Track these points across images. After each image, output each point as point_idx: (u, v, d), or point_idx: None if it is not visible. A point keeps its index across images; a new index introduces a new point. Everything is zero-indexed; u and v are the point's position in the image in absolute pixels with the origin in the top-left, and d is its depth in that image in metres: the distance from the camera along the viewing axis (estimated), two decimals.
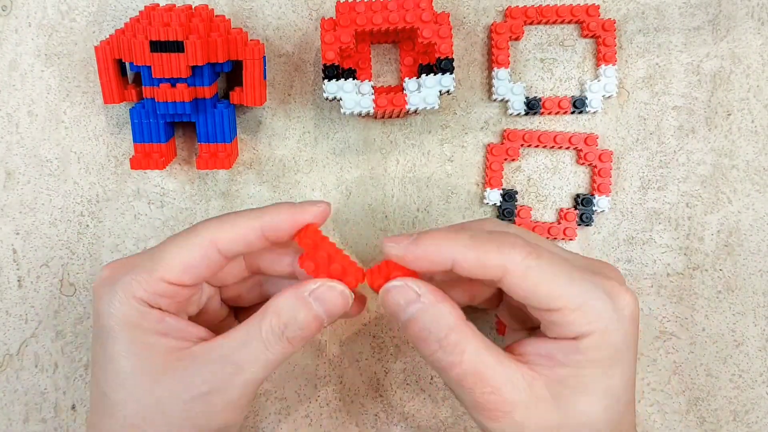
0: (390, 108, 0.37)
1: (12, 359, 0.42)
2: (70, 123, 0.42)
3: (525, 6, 0.41)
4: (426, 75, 0.37)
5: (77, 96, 0.42)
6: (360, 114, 0.38)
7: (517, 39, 0.41)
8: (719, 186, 0.42)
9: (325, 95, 0.37)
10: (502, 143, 0.41)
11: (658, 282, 0.42)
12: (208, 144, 0.39)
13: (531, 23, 0.41)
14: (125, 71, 0.39)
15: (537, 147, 0.42)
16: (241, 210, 0.33)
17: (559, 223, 0.41)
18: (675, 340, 0.42)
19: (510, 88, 0.41)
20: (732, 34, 0.41)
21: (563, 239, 0.41)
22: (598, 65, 0.41)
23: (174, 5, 0.38)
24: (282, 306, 0.31)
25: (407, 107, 0.37)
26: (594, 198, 0.41)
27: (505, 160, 0.41)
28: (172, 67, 0.36)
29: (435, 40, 0.37)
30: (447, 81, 0.37)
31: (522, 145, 0.41)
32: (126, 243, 0.42)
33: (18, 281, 0.42)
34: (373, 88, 0.38)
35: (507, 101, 0.41)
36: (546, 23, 0.41)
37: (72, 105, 0.42)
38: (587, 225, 0.41)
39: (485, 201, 0.41)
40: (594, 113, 0.41)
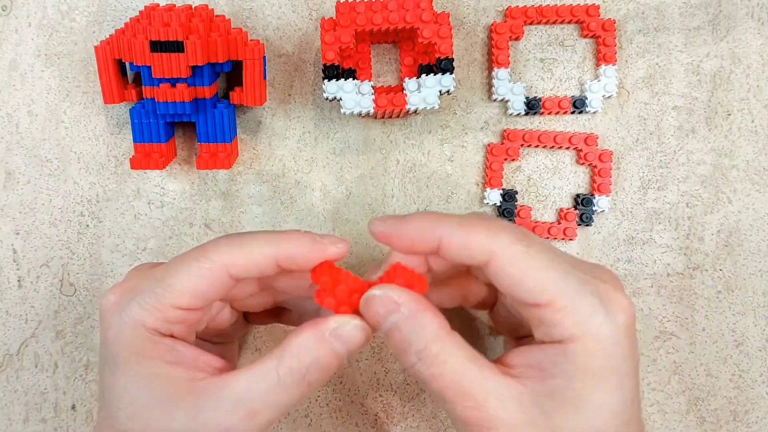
0: (390, 108, 0.37)
1: (12, 359, 0.42)
2: (70, 123, 0.42)
3: (525, 6, 0.41)
4: (426, 75, 0.37)
5: (77, 96, 0.42)
6: (360, 114, 0.38)
7: (517, 39, 0.41)
8: (719, 186, 0.42)
9: (325, 95, 0.37)
10: (502, 143, 0.41)
11: (658, 282, 0.42)
12: (208, 144, 0.39)
13: (531, 23, 0.41)
14: (125, 71, 0.39)
15: (537, 147, 0.42)
16: (255, 232, 0.32)
17: (559, 223, 0.41)
18: (675, 340, 0.42)
19: (510, 88, 0.41)
20: (732, 34, 0.41)
21: (563, 239, 0.41)
22: (598, 65, 0.41)
23: (174, 5, 0.38)
24: (302, 347, 0.29)
25: (407, 107, 0.37)
26: (594, 198, 0.41)
27: (505, 160, 0.41)
28: (172, 67, 0.36)
29: (435, 40, 0.37)
30: (447, 81, 0.37)
31: (522, 145, 0.41)
32: (126, 243, 0.42)
33: (18, 281, 0.42)
34: (373, 88, 0.38)
35: (507, 101, 0.41)
36: (546, 23, 0.41)
37: (72, 105, 0.42)
38: (587, 225, 0.41)
39: (485, 201, 0.41)
40: (594, 113, 0.41)
